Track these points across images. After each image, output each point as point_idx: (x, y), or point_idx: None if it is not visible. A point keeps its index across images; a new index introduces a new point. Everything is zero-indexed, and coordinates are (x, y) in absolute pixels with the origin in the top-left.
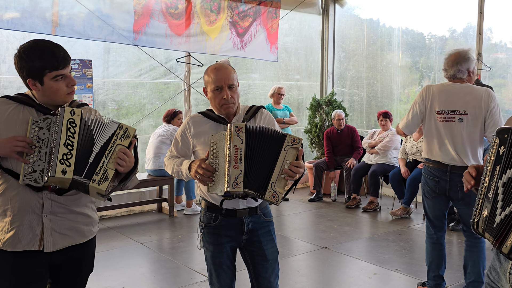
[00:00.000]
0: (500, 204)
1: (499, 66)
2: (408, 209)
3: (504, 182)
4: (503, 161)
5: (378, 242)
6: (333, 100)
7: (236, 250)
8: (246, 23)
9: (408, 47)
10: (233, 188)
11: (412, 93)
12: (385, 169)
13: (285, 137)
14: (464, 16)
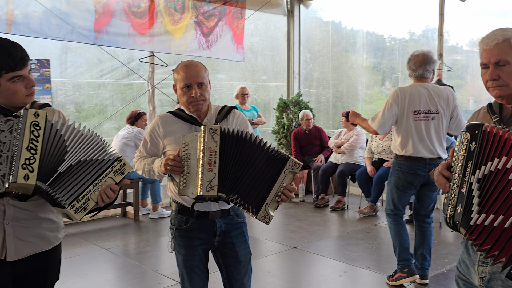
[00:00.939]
0: (477, 201)
1: (457, 67)
2: (375, 207)
3: (479, 178)
4: (475, 156)
5: (347, 240)
6: (300, 100)
7: (209, 252)
8: (211, 23)
9: (372, 49)
10: (207, 192)
11: (374, 94)
12: (352, 168)
13: (287, 160)
14: (423, 19)
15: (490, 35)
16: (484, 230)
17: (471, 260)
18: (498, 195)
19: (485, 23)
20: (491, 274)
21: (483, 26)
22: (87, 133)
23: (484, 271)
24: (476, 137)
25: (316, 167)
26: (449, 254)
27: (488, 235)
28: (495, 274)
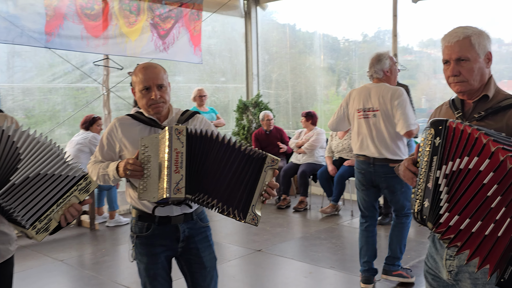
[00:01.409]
0: (445, 197)
1: (409, 67)
2: (337, 206)
3: (446, 174)
4: (440, 151)
5: (311, 241)
6: (259, 102)
7: (172, 259)
8: (168, 25)
9: (329, 50)
10: (174, 194)
11: (331, 94)
12: (313, 168)
13: (266, 158)
14: (375, 21)
15: (452, 33)
16: (459, 231)
17: (439, 255)
18: (464, 192)
19: (434, 25)
20: (459, 267)
21: (432, 28)
22: (43, 141)
23: (452, 265)
24: (440, 133)
25: (278, 168)
26: (411, 251)
27: (457, 233)
28: (462, 267)
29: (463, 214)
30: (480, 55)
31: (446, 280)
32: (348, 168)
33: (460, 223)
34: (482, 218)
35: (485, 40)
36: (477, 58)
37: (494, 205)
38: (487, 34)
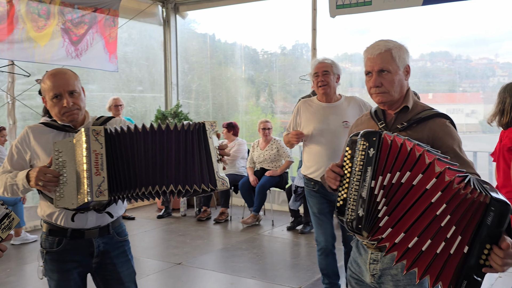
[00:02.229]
0: (384, 210)
1: None
2: (258, 216)
3: (384, 185)
4: (374, 163)
5: (232, 251)
6: (179, 112)
7: (87, 275)
8: (81, 31)
9: (250, 61)
10: (97, 197)
11: (251, 105)
12: (234, 179)
13: (204, 125)
14: (293, 34)
15: (374, 45)
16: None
17: (363, 259)
18: (400, 202)
19: (350, 39)
20: (382, 271)
21: (348, 42)
22: None
23: (375, 269)
24: (374, 144)
25: None
26: None
27: (393, 245)
28: (385, 271)
29: (399, 226)
30: (400, 67)
31: (369, 283)
32: (269, 179)
33: (407, 242)
34: (430, 237)
35: (405, 53)
36: (397, 70)
37: (443, 224)
38: (406, 48)
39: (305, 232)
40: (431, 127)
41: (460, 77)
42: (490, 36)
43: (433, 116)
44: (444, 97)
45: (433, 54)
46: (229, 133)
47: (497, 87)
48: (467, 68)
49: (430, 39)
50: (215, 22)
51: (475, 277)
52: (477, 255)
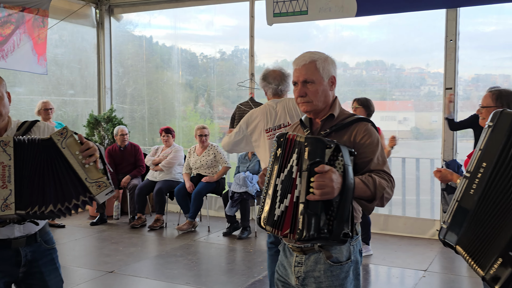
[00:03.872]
0: (279, 199)
1: None
2: (194, 223)
3: (282, 180)
4: (280, 161)
5: (166, 258)
6: (112, 116)
7: (11, 286)
8: (7, 31)
9: (187, 66)
10: (3, 212)
11: (189, 111)
12: (170, 185)
13: (51, 138)
14: (233, 39)
15: (300, 57)
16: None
17: (289, 262)
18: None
19: (289, 46)
20: (305, 273)
21: (286, 49)
22: None
23: (299, 271)
24: (281, 144)
25: (132, 185)
26: (264, 261)
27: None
28: (309, 273)
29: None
30: (324, 78)
31: (294, 286)
32: (206, 185)
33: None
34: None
35: (330, 65)
36: (321, 81)
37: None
38: (332, 59)
39: (242, 237)
40: (352, 131)
41: (393, 85)
42: (421, 46)
43: (355, 121)
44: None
45: (368, 63)
46: (171, 139)
47: (427, 96)
48: (400, 77)
49: (366, 48)
50: (152, 25)
51: (310, 212)
52: (307, 187)
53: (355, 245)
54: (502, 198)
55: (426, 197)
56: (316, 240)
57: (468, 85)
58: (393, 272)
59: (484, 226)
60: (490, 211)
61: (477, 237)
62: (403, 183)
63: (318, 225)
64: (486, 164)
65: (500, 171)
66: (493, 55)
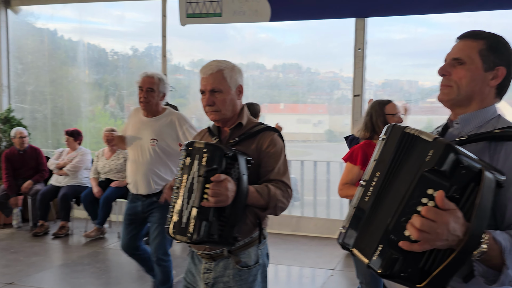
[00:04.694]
0: (185, 207)
1: (179, 87)
2: (102, 229)
3: (188, 188)
4: (188, 169)
5: (72, 267)
6: (10, 117)
7: None
8: None
9: (95, 64)
10: None
11: (97, 111)
12: (76, 190)
13: None
14: (146, 36)
15: (207, 65)
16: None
17: (197, 269)
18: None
19: (205, 45)
20: (215, 279)
21: (202, 48)
22: None
23: (208, 277)
24: (190, 153)
25: (35, 191)
26: (177, 267)
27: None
28: (218, 279)
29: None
30: (232, 87)
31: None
32: (115, 190)
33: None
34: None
35: (237, 74)
36: (229, 90)
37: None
38: (239, 68)
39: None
40: (259, 140)
41: (308, 89)
42: (335, 51)
43: (262, 131)
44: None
45: (285, 66)
46: (74, 142)
47: (341, 100)
48: (315, 81)
49: (283, 51)
50: (56, 18)
51: (202, 217)
52: (201, 195)
53: (263, 249)
54: (389, 202)
55: (336, 198)
56: (205, 243)
57: (379, 90)
58: (304, 272)
59: (372, 225)
60: (379, 214)
61: (366, 236)
62: (315, 186)
63: (208, 230)
64: (379, 173)
65: (390, 179)
66: (401, 61)
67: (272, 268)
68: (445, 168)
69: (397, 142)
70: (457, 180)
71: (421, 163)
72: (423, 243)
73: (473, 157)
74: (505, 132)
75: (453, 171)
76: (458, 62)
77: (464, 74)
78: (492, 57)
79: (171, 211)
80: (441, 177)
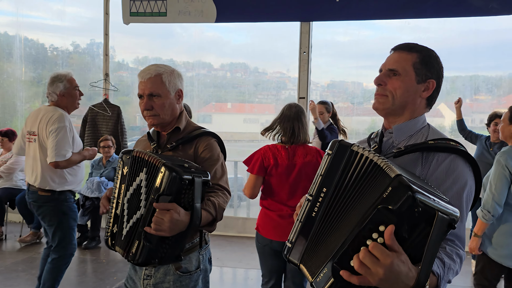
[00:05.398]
0: (126, 218)
1: (123, 84)
2: (38, 234)
3: (128, 198)
4: (127, 180)
5: (5, 274)
6: None
7: None
8: None
9: (32, 60)
10: None
11: (35, 108)
12: (11, 193)
13: None
14: (88, 32)
15: (146, 70)
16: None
17: (137, 276)
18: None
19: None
20: (155, 285)
21: (148, 45)
22: None
23: (148, 284)
24: (128, 163)
25: None
26: (118, 272)
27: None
28: (158, 285)
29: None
30: (171, 92)
31: None
32: None
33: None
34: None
35: (176, 78)
36: (168, 94)
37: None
38: (178, 72)
39: (89, 247)
40: (196, 145)
41: (256, 89)
42: (283, 52)
43: (199, 136)
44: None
45: (233, 65)
46: (9, 142)
47: (288, 100)
48: (262, 81)
49: (230, 50)
50: None
51: (145, 241)
52: (150, 217)
53: (205, 254)
54: (337, 219)
55: None
56: (145, 265)
57: (325, 90)
58: (250, 274)
59: (321, 244)
60: (327, 231)
61: (315, 255)
62: None
63: (150, 255)
64: (326, 189)
65: (338, 196)
66: (346, 63)
67: (217, 270)
68: (401, 210)
69: (346, 158)
70: (410, 221)
71: (378, 197)
72: (362, 277)
73: (429, 197)
74: (438, 143)
75: (407, 213)
76: (394, 73)
77: (399, 85)
78: (424, 70)
79: (110, 221)
80: (394, 216)
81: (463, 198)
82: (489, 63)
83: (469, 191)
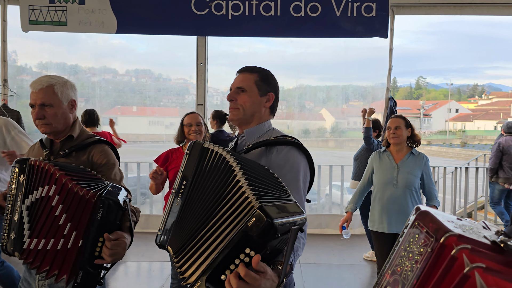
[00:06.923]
0: (27, 226)
1: (26, 88)
2: None
3: (27, 206)
4: (24, 187)
5: None
6: None
7: None
8: None
9: None
10: None
11: None
12: None
13: None
14: None
15: (37, 80)
16: (39, 252)
17: (32, 277)
18: (45, 219)
19: (54, 48)
20: (50, 286)
21: (51, 50)
22: None
23: (43, 285)
24: (24, 171)
25: None
26: (21, 271)
27: (44, 256)
28: (53, 285)
29: (40, 236)
30: (64, 102)
31: None
32: None
33: (37, 246)
34: (53, 236)
35: (69, 89)
36: (60, 104)
37: (61, 222)
38: (71, 83)
39: None
40: (90, 152)
41: (160, 93)
42: (186, 60)
43: (93, 143)
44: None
45: (138, 71)
46: None
47: (191, 104)
48: (167, 86)
49: (136, 57)
50: None
51: (89, 268)
52: (91, 248)
53: None
54: (196, 208)
55: None
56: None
57: (225, 95)
58: (153, 266)
59: (185, 230)
60: (188, 218)
61: (182, 242)
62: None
63: (90, 282)
64: (185, 182)
65: (194, 187)
66: None
67: (121, 264)
68: (264, 237)
69: (198, 155)
70: (271, 242)
71: (243, 225)
72: None
73: (284, 214)
74: (277, 139)
75: (269, 237)
76: (241, 90)
77: (247, 99)
78: (264, 86)
79: (6, 227)
80: (259, 241)
81: (299, 179)
82: (358, 75)
83: (305, 173)
